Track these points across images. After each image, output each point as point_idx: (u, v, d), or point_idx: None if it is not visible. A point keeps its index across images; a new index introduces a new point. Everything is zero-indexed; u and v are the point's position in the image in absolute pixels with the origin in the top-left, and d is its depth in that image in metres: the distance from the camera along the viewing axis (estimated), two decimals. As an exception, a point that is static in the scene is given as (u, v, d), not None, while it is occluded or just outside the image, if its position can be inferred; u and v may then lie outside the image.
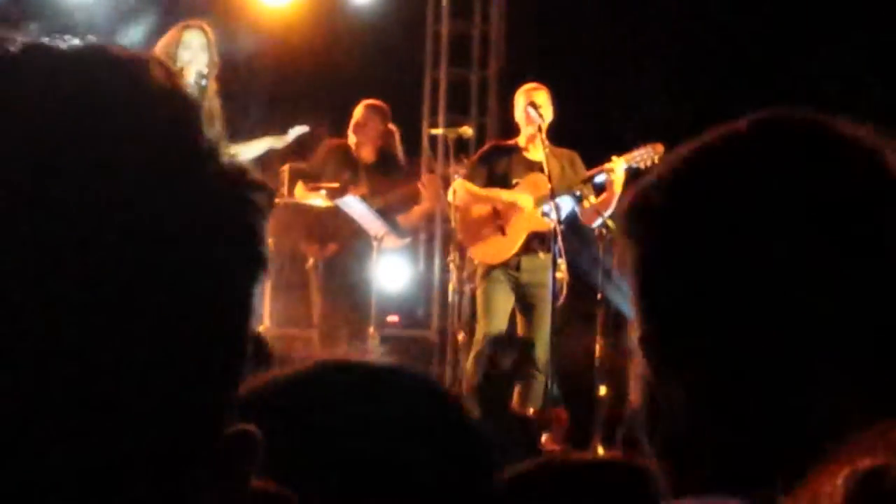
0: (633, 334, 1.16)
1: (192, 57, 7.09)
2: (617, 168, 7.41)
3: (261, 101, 9.11)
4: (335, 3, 10.02)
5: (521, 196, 7.64)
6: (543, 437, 7.02)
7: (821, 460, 0.65)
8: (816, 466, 0.64)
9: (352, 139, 8.29)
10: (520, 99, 7.83)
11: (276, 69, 9.72)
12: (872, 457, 0.61)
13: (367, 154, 8.30)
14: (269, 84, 9.55)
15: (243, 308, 0.71)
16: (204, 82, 7.03)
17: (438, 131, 9.76)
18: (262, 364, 2.17)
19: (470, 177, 7.85)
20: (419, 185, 8.34)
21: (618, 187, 7.30)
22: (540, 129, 7.59)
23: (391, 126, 8.40)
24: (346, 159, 8.28)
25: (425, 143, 10.26)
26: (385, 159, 8.36)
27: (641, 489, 1.21)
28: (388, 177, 8.27)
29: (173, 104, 0.70)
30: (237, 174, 0.71)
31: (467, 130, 8.93)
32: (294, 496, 0.82)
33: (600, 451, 6.21)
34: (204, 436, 0.68)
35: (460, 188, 7.80)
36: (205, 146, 0.70)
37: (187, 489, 0.67)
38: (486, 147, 8.29)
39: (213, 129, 0.71)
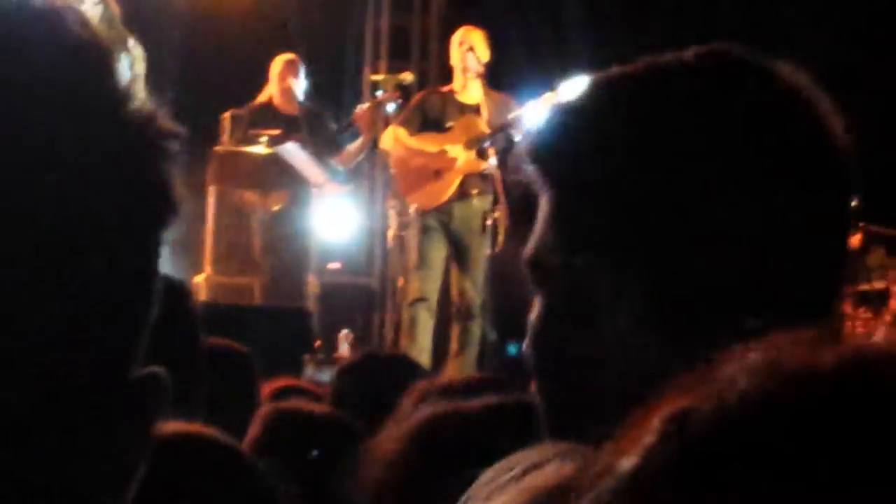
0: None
1: None
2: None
3: (199, 52, 9.02)
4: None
5: (450, 147, 7.61)
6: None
7: (650, 401, 0.63)
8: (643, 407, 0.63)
9: (276, 94, 8.22)
10: (455, 41, 7.79)
11: (216, 18, 9.63)
12: (690, 397, 0.59)
13: (292, 107, 8.25)
14: (209, 34, 9.46)
15: (151, 253, 0.72)
16: None
17: (380, 77, 9.71)
18: (188, 312, 2.13)
19: (404, 123, 7.79)
20: (353, 120, 8.26)
21: None
22: (477, 74, 7.57)
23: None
24: (273, 116, 8.21)
25: (366, 89, 10.22)
26: (308, 109, 8.31)
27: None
28: (318, 123, 8.23)
29: (86, 51, 0.71)
30: (147, 120, 0.72)
31: (408, 76, 8.89)
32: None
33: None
34: (110, 379, 0.69)
35: (393, 137, 7.75)
36: (116, 92, 0.71)
37: (91, 433, 0.68)
38: (419, 94, 8.25)
39: (133, 78, 0.72)
